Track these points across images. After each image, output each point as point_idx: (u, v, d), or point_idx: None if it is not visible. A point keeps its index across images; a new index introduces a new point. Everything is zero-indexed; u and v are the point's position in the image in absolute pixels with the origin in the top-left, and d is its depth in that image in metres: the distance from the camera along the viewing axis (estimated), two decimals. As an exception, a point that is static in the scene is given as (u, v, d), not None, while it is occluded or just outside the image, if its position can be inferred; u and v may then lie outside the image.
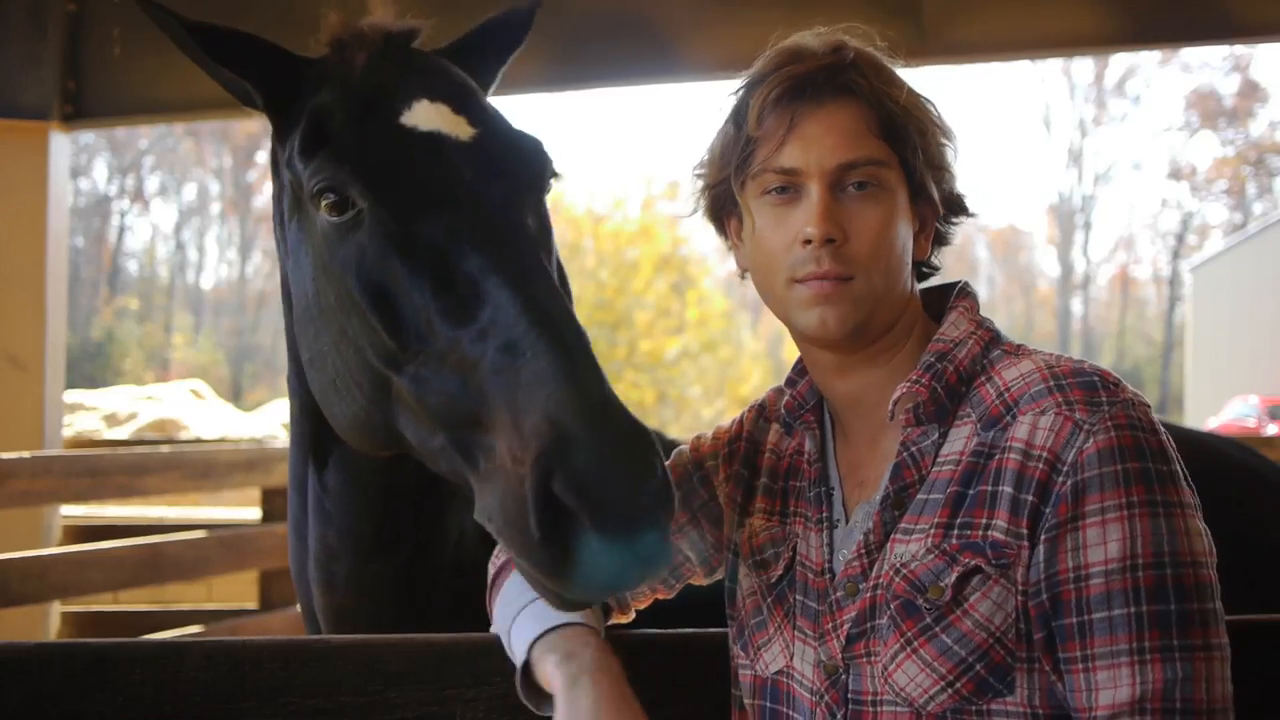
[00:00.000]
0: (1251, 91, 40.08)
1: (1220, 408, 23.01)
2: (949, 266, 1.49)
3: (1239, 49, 34.34)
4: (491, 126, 1.57)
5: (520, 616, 1.39)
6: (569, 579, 1.17)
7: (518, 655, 1.37)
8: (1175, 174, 43.40)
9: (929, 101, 1.36)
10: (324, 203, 1.48)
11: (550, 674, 1.29)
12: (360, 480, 1.72)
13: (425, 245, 1.41)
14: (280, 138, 1.67)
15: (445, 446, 1.38)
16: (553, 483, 1.15)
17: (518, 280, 1.34)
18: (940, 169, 1.36)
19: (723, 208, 1.43)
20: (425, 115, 1.53)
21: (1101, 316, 46.65)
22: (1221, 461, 2.42)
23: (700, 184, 1.44)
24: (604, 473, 1.14)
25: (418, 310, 1.39)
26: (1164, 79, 48.24)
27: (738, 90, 1.38)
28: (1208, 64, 41.21)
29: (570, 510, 1.14)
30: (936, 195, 1.36)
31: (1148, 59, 41.03)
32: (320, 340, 1.57)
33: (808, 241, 1.28)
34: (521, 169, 1.55)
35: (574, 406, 1.18)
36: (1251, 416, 19.85)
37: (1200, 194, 43.18)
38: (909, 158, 1.32)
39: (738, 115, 1.36)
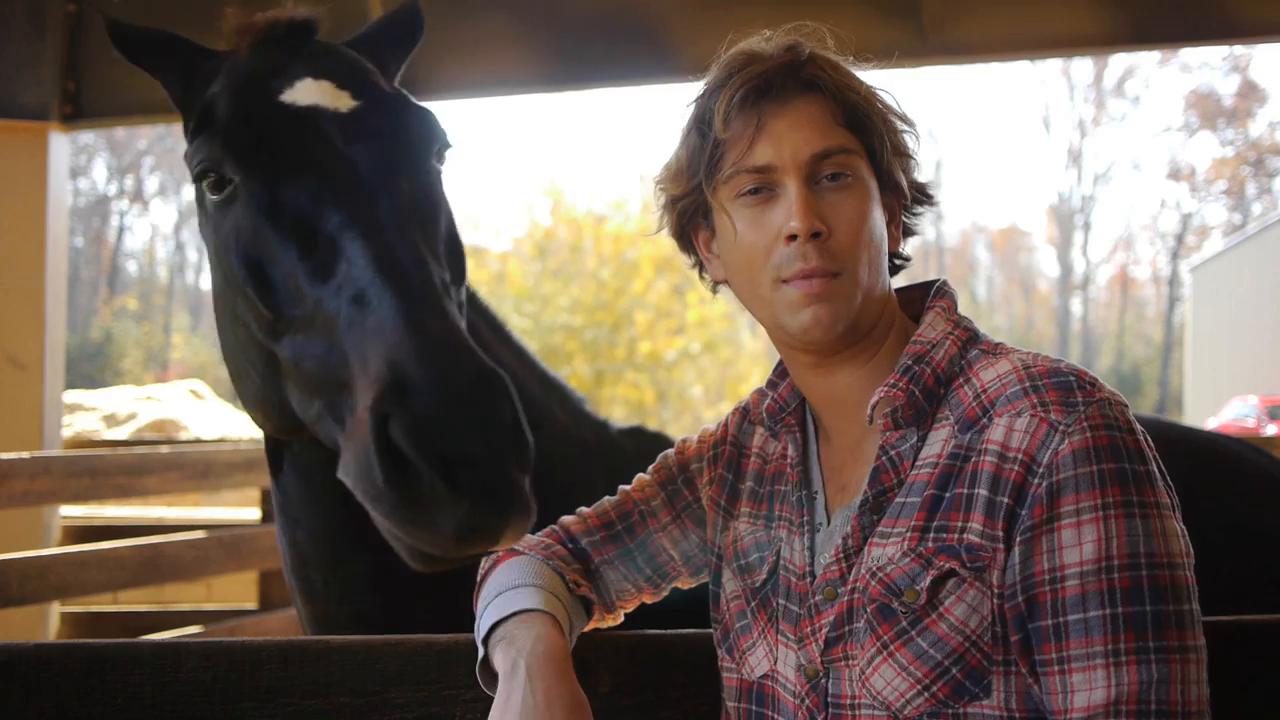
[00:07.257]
0: (1251, 92, 40.08)
1: (1220, 408, 23.00)
2: (948, 266, 1.49)
3: (1238, 49, 34.37)
4: (376, 97, 1.55)
5: (486, 612, 1.36)
6: (420, 529, 1.13)
7: (479, 648, 1.34)
8: (1175, 174, 43.40)
9: (886, 92, 1.36)
10: (205, 182, 1.48)
11: (497, 662, 1.26)
12: (314, 478, 1.67)
13: (291, 210, 1.40)
14: (188, 137, 1.66)
15: (321, 413, 1.36)
16: (390, 428, 1.10)
17: (370, 231, 1.32)
18: (906, 155, 1.36)
19: (690, 221, 1.41)
20: (305, 92, 1.52)
21: (1101, 317, 46.62)
22: (1232, 460, 2.42)
23: (665, 198, 1.41)
24: (441, 416, 1.09)
25: (287, 276, 1.39)
26: (1163, 79, 48.45)
27: (695, 99, 1.36)
28: (1207, 64, 41.28)
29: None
30: (904, 183, 1.36)
31: (1147, 59, 41.06)
32: (223, 328, 1.57)
33: (791, 237, 1.26)
34: (402, 133, 1.52)
35: (411, 348, 1.14)
36: (1251, 417, 19.83)
37: (1199, 194, 43.20)
38: (875, 145, 1.32)
39: (701, 122, 1.34)
